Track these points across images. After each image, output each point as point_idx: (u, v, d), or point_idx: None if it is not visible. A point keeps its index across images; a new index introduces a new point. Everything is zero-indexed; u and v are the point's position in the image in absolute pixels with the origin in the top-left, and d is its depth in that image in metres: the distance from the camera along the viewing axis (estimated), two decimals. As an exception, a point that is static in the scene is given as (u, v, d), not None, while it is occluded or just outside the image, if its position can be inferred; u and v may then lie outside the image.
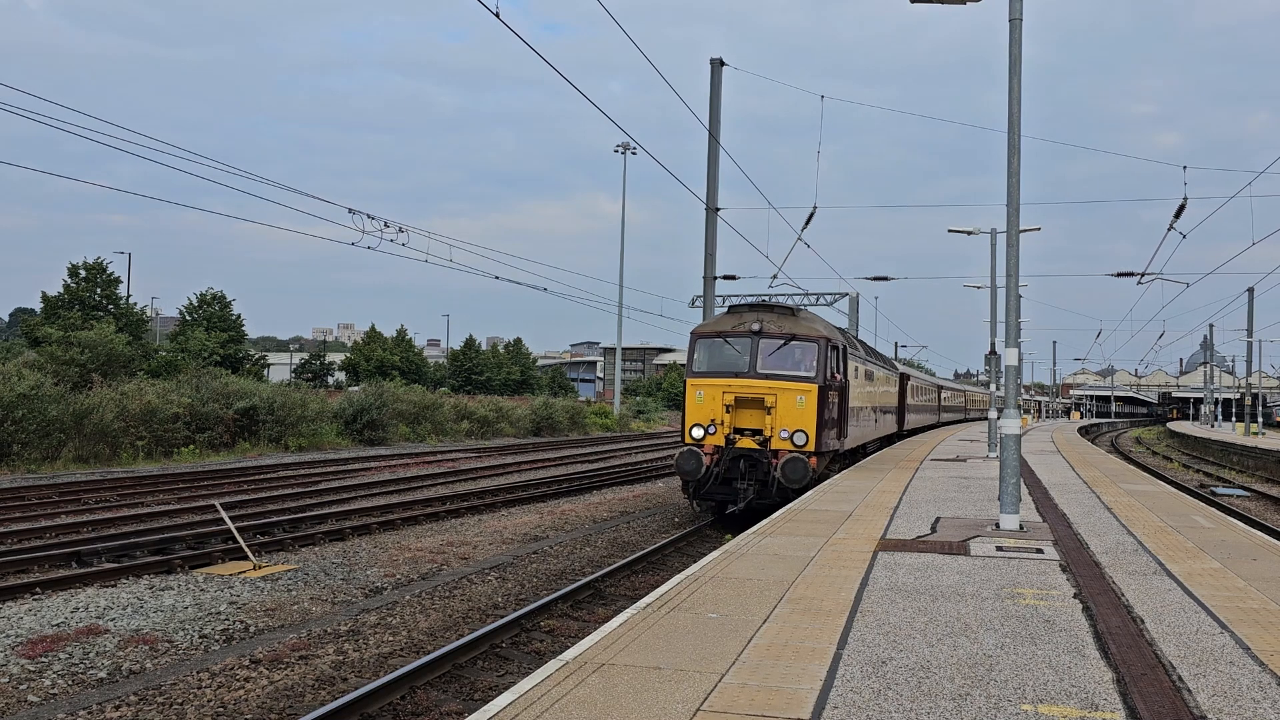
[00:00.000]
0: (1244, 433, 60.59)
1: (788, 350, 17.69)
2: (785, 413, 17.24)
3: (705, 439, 17.41)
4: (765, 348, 17.70)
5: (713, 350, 18.15)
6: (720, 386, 17.56)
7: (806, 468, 16.55)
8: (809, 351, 17.70)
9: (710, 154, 20.92)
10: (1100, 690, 5.68)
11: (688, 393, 17.91)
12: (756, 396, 17.40)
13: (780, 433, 17.18)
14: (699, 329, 18.61)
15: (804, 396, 17.22)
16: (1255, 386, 70.71)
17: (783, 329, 17.84)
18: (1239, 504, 25.93)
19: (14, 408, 26.84)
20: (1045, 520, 13.15)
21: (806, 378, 17.44)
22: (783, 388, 17.31)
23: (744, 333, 17.89)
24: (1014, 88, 12.37)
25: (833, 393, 18.34)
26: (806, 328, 18.07)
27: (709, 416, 17.45)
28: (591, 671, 5.80)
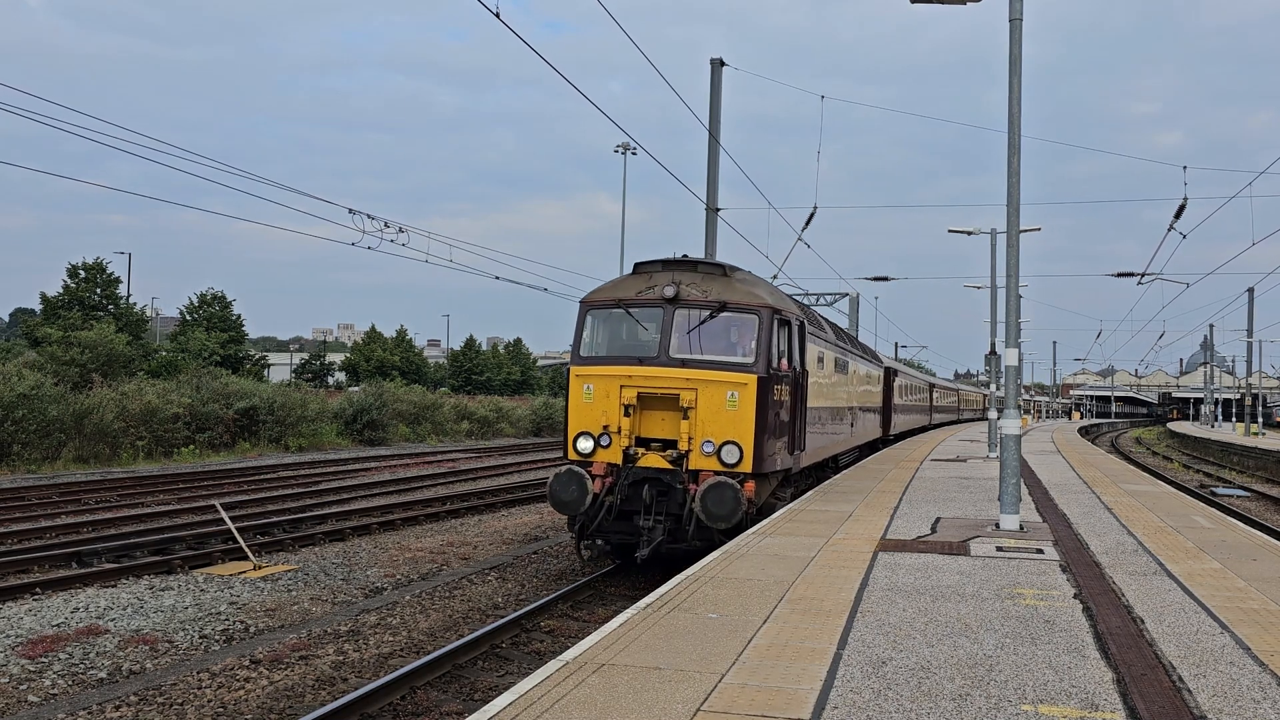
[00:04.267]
0: (1244, 433, 60.59)
1: (717, 326, 12.74)
2: (710, 416, 12.25)
3: (595, 454, 12.50)
4: (684, 322, 12.71)
5: (609, 326, 13.25)
6: (617, 378, 12.51)
7: (737, 497, 11.54)
8: (747, 328, 12.71)
9: (710, 154, 20.90)
10: (1100, 690, 5.67)
11: (571, 387, 12.91)
12: (669, 392, 12.35)
13: (703, 445, 12.20)
14: (590, 296, 13.57)
15: (737, 392, 12.22)
16: (1255, 387, 70.70)
17: (709, 295, 12.75)
18: (1239, 504, 25.93)
19: (14, 408, 26.84)
20: (1045, 520, 13.14)
21: (742, 365, 12.45)
22: (707, 379, 12.30)
23: (653, 301, 12.83)
24: (1014, 87, 12.37)
25: (781, 387, 13.13)
26: (744, 294, 12.90)
27: (600, 422, 12.53)
28: (591, 671, 5.80)
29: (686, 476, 12.23)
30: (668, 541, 12.09)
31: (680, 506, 12.08)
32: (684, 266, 13.30)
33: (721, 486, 11.66)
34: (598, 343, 13.29)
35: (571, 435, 12.79)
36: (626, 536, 12.46)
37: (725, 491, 11.63)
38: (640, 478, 12.28)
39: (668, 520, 12.14)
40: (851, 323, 37.13)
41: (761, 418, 12.36)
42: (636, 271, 13.64)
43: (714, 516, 11.64)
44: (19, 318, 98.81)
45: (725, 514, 11.62)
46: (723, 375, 12.38)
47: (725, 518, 11.61)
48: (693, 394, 12.35)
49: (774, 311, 12.98)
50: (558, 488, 12.31)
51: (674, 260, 13.45)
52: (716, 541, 11.52)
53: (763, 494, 12.96)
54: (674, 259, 13.49)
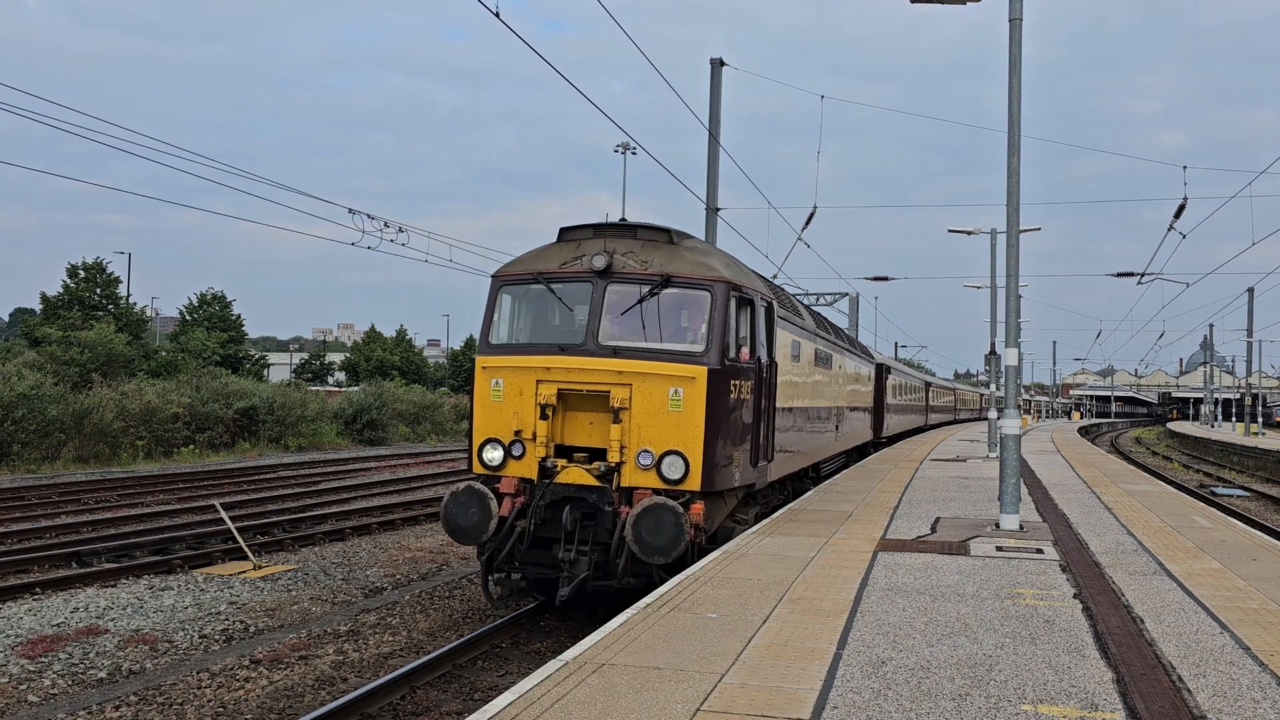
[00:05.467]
0: (1244, 433, 60.59)
1: (659, 305, 10.38)
2: (648, 419, 9.93)
3: (505, 466, 10.22)
4: (618, 300, 10.39)
5: (526, 306, 11.00)
6: (532, 371, 10.21)
7: (678, 525, 9.30)
8: (697, 307, 10.37)
9: (710, 154, 20.89)
10: (1100, 690, 5.68)
11: (476, 383, 10.56)
12: (597, 389, 10.06)
13: (639, 456, 9.89)
14: (504, 268, 11.16)
15: (682, 388, 9.91)
16: (1255, 386, 70.70)
17: (650, 267, 10.43)
18: (1239, 504, 25.93)
19: (14, 408, 26.84)
20: (1045, 520, 13.15)
21: (689, 354, 10.09)
22: (644, 372, 9.96)
23: (579, 274, 10.52)
24: (1014, 87, 12.36)
25: (741, 382, 10.72)
26: (694, 265, 10.53)
27: (511, 426, 10.19)
28: (591, 671, 5.81)
29: (618, 496, 9.87)
30: (595, 578, 9.76)
31: (610, 534, 9.72)
32: (620, 232, 10.83)
33: (659, 511, 9.31)
34: (513, 327, 10.98)
35: (476, 443, 10.39)
36: (545, 570, 10.07)
37: (663, 517, 9.28)
38: (560, 497, 9.91)
39: (594, 551, 9.80)
40: (851, 323, 37.13)
41: (714, 420, 9.96)
42: (562, 239, 11.04)
43: (649, 548, 9.30)
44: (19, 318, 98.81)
45: (663, 545, 9.26)
46: (664, 367, 9.97)
47: (663, 550, 9.27)
48: (626, 391, 9.93)
49: (731, 288, 10.48)
50: (453, 510, 9.91)
51: (607, 224, 10.96)
52: (656, 579, 9.40)
53: (715, 517, 10.46)
54: (608, 223, 11.00)
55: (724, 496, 10.71)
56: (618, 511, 9.80)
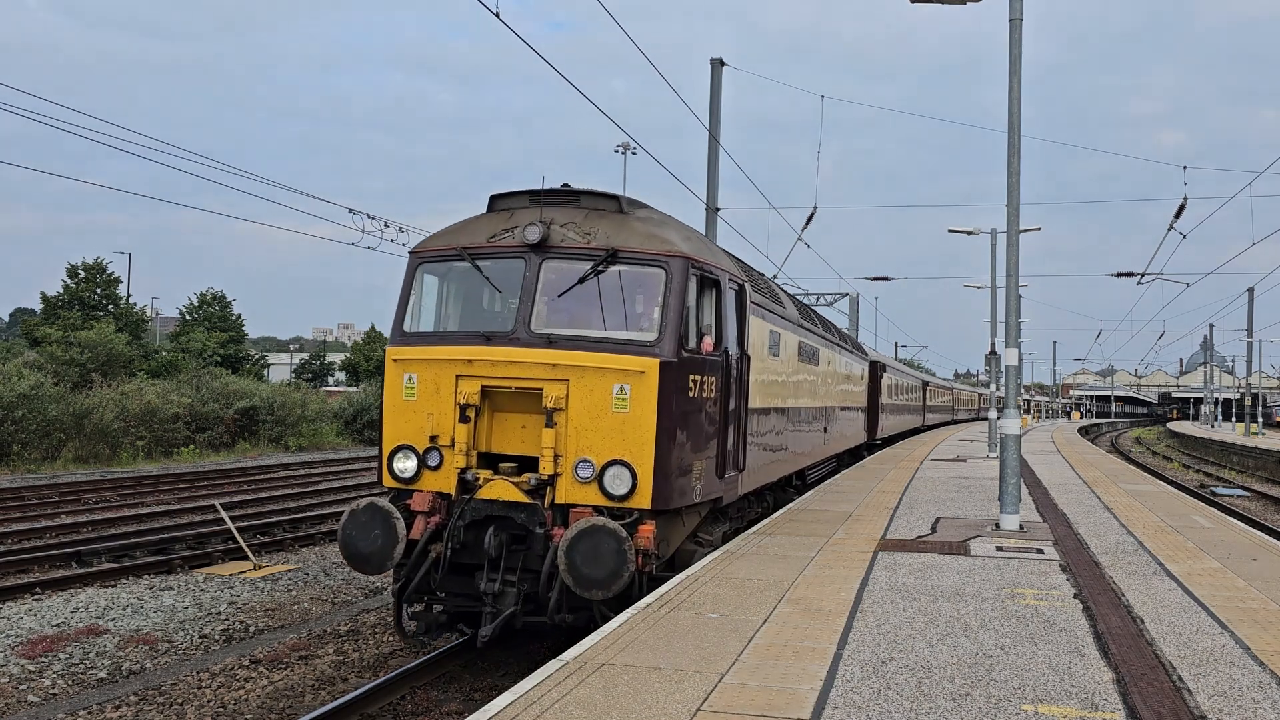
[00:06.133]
0: (1244, 433, 60.59)
1: (603, 286, 8.90)
2: (589, 421, 8.46)
3: (419, 479, 8.75)
4: (555, 279, 8.94)
5: (448, 287, 9.59)
6: (451, 364, 8.78)
7: (620, 552, 7.82)
8: (648, 288, 8.91)
9: (710, 154, 20.89)
10: (1100, 690, 5.68)
11: (387, 378, 9.14)
12: (527, 386, 8.59)
13: (577, 467, 8.42)
14: (424, 243, 9.77)
15: (629, 385, 8.41)
16: (1255, 387, 70.70)
17: (593, 240, 8.94)
18: (1239, 504, 25.93)
19: (14, 408, 26.85)
20: (1045, 520, 13.15)
21: (638, 344, 8.62)
22: (584, 365, 8.49)
23: (510, 248, 9.03)
24: (1014, 87, 12.37)
25: (704, 377, 9.19)
26: (646, 237, 9.01)
27: (426, 430, 8.75)
28: (592, 671, 5.81)
29: (551, 514, 8.36)
30: (526, 612, 8.28)
31: (542, 560, 8.23)
32: (560, 199, 9.31)
33: (597, 535, 7.81)
34: (433, 312, 9.54)
35: (387, 450, 8.87)
36: (467, 602, 8.57)
37: (602, 542, 7.77)
38: (482, 516, 8.42)
39: (524, 581, 8.32)
40: (851, 323, 37.13)
41: (668, 423, 8.43)
42: (494, 208, 9.53)
43: (584, 580, 7.80)
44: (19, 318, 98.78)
45: (601, 578, 7.76)
46: (608, 359, 8.43)
47: (601, 583, 7.77)
48: (562, 388, 8.42)
49: (691, 265, 8.98)
50: (351, 533, 8.44)
51: (546, 190, 9.43)
52: (598, 617, 8.09)
53: (671, 539, 8.97)
54: (546, 189, 9.47)
55: (682, 515, 9.10)
56: (550, 534, 8.24)
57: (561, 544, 7.95)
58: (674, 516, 8.96)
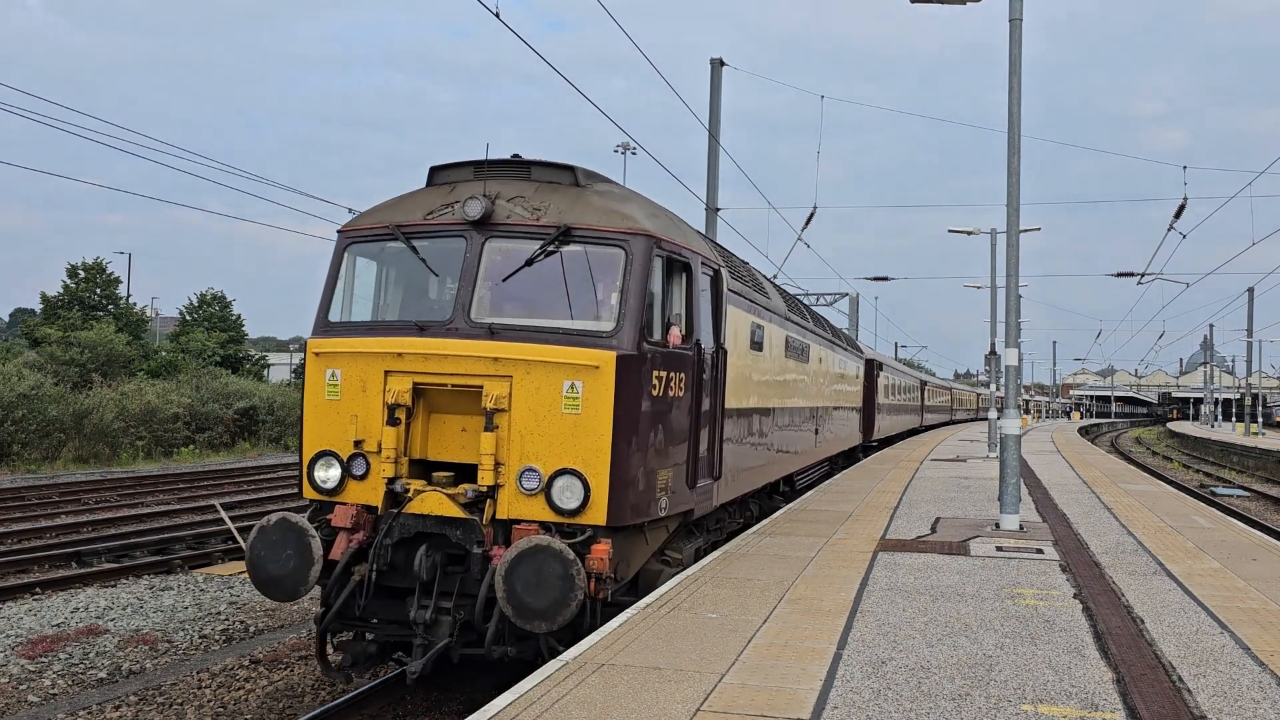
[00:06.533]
0: (1244, 433, 60.60)
1: (554, 268, 7.94)
2: (535, 424, 7.48)
3: (343, 489, 7.80)
4: (500, 261, 7.97)
5: (380, 271, 8.61)
6: (379, 358, 7.78)
7: (567, 578, 6.84)
8: (606, 270, 7.89)
9: (710, 154, 20.90)
10: (1100, 690, 5.68)
11: (308, 375, 8.17)
12: (465, 383, 7.58)
13: (521, 476, 7.42)
14: (354, 221, 8.76)
15: (581, 381, 7.45)
16: (1255, 387, 70.72)
17: (544, 215, 7.97)
18: (1239, 504, 25.93)
19: (14, 408, 26.87)
20: (1045, 520, 13.15)
21: (591, 335, 7.65)
22: (530, 359, 7.50)
23: (450, 226, 8.05)
24: (1014, 87, 12.37)
25: (671, 373, 8.20)
26: (603, 213, 8.03)
27: (350, 434, 7.80)
28: (591, 671, 5.81)
29: (492, 531, 7.37)
30: (465, 643, 7.30)
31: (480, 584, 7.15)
32: (508, 170, 8.33)
33: (540, 557, 6.82)
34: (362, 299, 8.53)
35: (306, 457, 7.92)
36: (401, 630, 7.55)
37: (546, 566, 6.80)
38: (412, 533, 7.40)
39: (460, 607, 7.30)
40: (851, 323, 37.12)
41: (627, 426, 7.45)
42: (434, 181, 8.57)
43: (525, 610, 6.81)
44: (19, 318, 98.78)
45: (544, 607, 6.78)
46: (557, 353, 7.44)
47: (545, 613, 6.79)
48: (505, 385, 7.41)
49: (656, 244, 7.98)
50: (260, 553, 7.47)
51: (492, 161, 8.39)
52: (545, 651, 7.12)
53: (632, 560, 7.94)
54: (492, 159, 8.42)
55: (644, 531, 8.07)
56: (490, 554, 7.22)
57: (499, 567, 6.90)
58: (635, 533, 7.87)
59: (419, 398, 7.70)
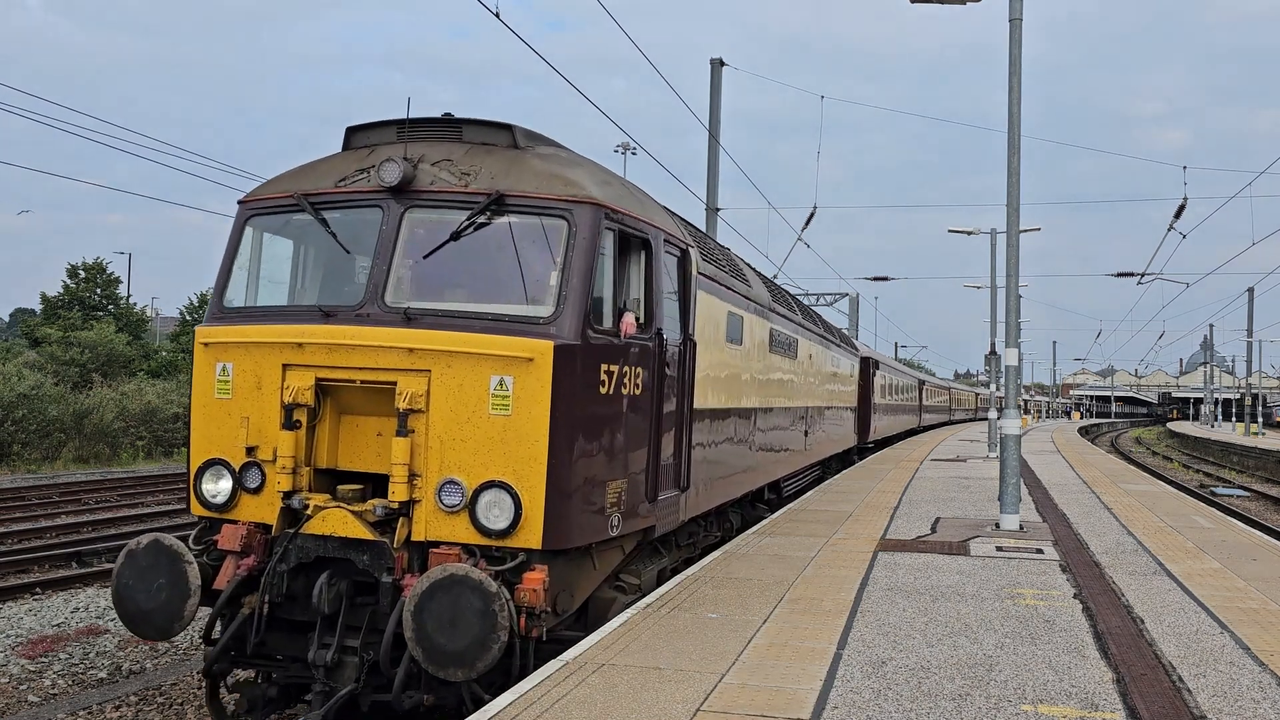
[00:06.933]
0: (1244, 433, 60.60)
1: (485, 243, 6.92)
2: (456, 426, 6.48)
3: (234, 504, 6.79)
4: (422, 235, 6.97)
5: (286, 248, 7.59)
6: (276, 349, 6.78)
7: (487, 613, 5.80)
8: (545, 244, 6.86)
9: (710, 154, 20.90)
10: (1100, 690, 5.68)
11: (196, 368, 7.09)
12: (376, 379, 6.60)
13: (441, 490, 6.43)
14: (259, 190, 7.62)
15: (512, 376, 6.43)
16: (1255, 387, 70.72)
17: (473, 180, 6.94)
18: (1239, 504, 25.93)
19: (14, 408, 26.87)
20: (1045, 520, 13.15)
21: (526, 321, 6.62)
22: (451, 350, 6.50)
23: (364, 194, 7.04)
24: (1014, 87, 12.37)
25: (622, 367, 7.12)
26: (543, 178, 6.98)
27: (241, 439, 6.80)
28: (592, 671, 5.81)
29: (404, 557, 6.32)
30: (373, 690, 6.31)
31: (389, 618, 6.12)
32: (436, 131, 7.29)
33: (454, 590, 5.80)
34: (264, 280, 7.45)
35: (194, 465, 6.89)
36: (301, 671, 6.52)
37: (461, 600, 5.78)
38: (312, 558, 6.34)
39: (368, 646, 6.28)
40: (851, 323, 37.11)
41: (568, 429, 6.44)
42: (352, 144, 7.49)
43: (437, 653, 5.83)
44: (19, 318, 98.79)
45: (461, 650, 5.78)
46: (483, 342, 6.41)
47: (460, 658, 5.80)
48: (422, 381, 6.42)
49: (606, 215, 6.92)
50: (127, 583, 6.43)
51: (417, 120, 7.34)
52: (468, 700, 6.19)
53: (577, 588, 6.89)
54: (418, 118, 7.36)
55: (592, 554, 7.04)
56: (400, 584, 6.17)
57: (407, 601, 5.88)
58: (579, 557, 6.85)
59: (326, 396, 6.69)
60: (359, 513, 6.37)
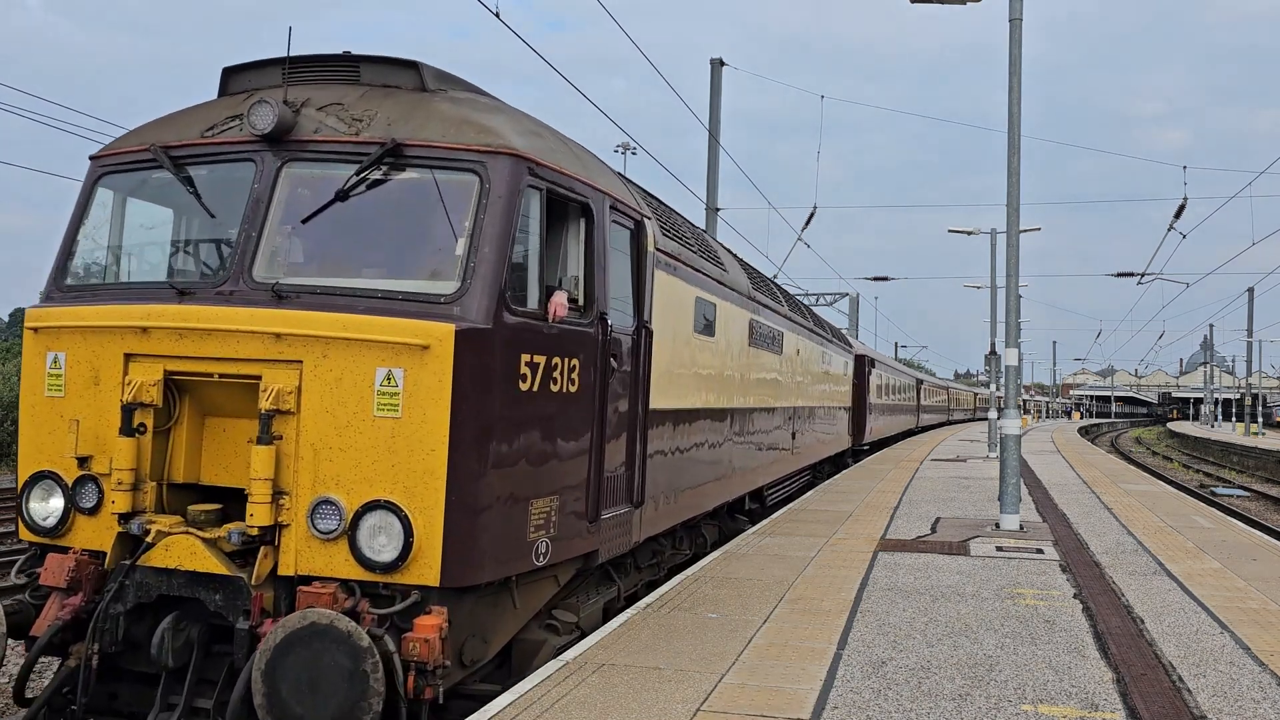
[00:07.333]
0: (1244, 433, 60.62)
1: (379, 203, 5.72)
2: (333, 431, 5.25)
3: (69, 526, 5.58)
4: (302, 194, 5.77)
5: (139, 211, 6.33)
6: (115, 335, 5.55)
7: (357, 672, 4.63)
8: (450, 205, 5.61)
9: (710, 154, 20.92)
10: (1100, 690, 5.68)
11: (25, 357, 5.94)
12: (239, 370, 5.38)
13: (314, 512, 5.20)
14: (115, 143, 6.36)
15: (402, 369, 5.20)
16: (1255, 387, 70.74)
17: (365, 128, 5.73)
18: (1239, 504, 25.94)
19: (14, 408, 26.85)
20: (1045, 520, 13.15)
21: (422, 300, 5.39)
22: (327, 335, 5.27)
23: (238, 145, 5.82)
24: (1014, 87, 12.38)
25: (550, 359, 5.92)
26: (450, 125, 5.73)
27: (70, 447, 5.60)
28: (592, 671, 5.81)
29: (263, 598, 5.18)
30: None
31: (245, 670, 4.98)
32: (328, 71, 6.18)
33: (314, 645, 4.74)
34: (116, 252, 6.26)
35: (21, 478, 5.79)
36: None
37: (323, 658, 4.73)
38: (153, 597, 5.24)
39: (222, 706, 5.08)
40: (851, 322, 37.13)
41: (475, 434, 5.31)
42: (229, 90, 6.36)
43: None
44: (19, 318, 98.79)
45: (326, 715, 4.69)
46: (365, 326, 5.27)
47: None
48: (291, 375, 5.30)
49: (530, 169, 5.80)
50: None
51: (304, 59, 6.21)
52: None
53: (493, 633, 5.80)
54: (304, 56, 6.23)
55: (512, 590, 5.91)
56: (257, 631, 5.03)
57: (257, 657, 4.78)
58: (495, 594, 5.74)
59: (183, 395, 5.54)
60: (211, 540, 5.20)
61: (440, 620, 5.08)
